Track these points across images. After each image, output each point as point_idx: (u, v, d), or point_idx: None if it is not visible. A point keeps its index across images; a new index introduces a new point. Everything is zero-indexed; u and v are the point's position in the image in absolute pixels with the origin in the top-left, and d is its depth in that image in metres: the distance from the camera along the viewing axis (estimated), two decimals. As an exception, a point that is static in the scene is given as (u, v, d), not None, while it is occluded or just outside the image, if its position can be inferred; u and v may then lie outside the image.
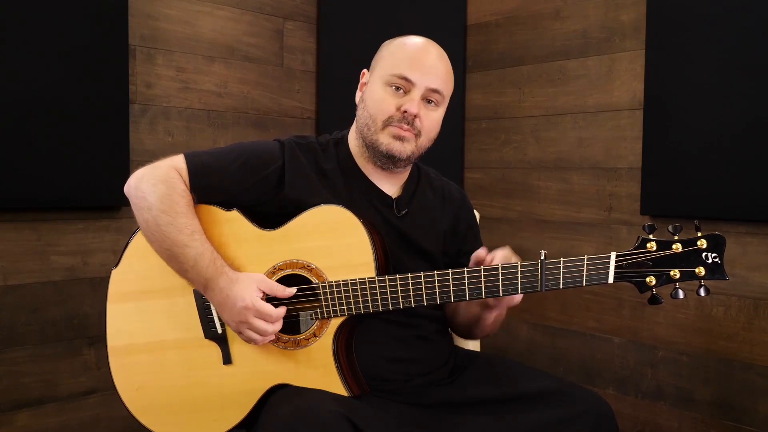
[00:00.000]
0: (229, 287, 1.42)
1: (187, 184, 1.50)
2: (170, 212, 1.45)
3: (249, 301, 1.40)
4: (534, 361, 2.79)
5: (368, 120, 1.55)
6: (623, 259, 1.36)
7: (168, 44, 2.59)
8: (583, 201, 2.67)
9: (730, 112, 2.24)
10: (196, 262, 1.43)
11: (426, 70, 1.53)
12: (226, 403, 1.49)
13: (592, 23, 2.63)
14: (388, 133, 1.53)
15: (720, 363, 2.32)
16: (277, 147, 1.58)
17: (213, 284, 1.43)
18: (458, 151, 3.03)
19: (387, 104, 1.53)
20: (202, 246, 1.44)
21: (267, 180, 1.54)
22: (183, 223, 1.45)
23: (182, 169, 1.51)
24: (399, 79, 1.52)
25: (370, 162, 1.59)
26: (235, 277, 1.43)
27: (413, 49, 1.57)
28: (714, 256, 1.34)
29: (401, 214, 1.60)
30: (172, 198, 1.46)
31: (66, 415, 2.40)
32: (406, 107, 1.51)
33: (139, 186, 1.49)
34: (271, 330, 1.42)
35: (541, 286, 1.38)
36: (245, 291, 1.41)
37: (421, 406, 1.49)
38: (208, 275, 1.43)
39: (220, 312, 1.46)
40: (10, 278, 2.28)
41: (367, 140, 1.56)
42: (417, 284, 1.43)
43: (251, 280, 1.43)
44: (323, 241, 1.47)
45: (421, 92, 1.53)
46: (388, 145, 1.53)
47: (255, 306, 1.40)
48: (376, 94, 1.55)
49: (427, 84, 1.53)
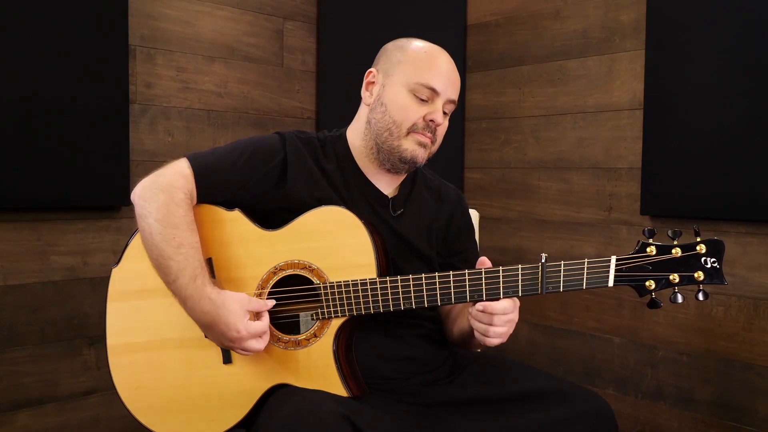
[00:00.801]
0: (216, 312, 1.40)
1: (193, 189, 1.50)
2: (164, 222, 1.44)
3: (243, 331, 1.39)
4: (534, 361, 2.79)
5: (390, 125, 1.55)
6: (623, 262, 1.37)
7: (168, 44, 2.59)
8: (583, 201, 2.67)
9: (730, 112, 2.24)
10: (177, 278, 1.42)
11: (449, 81, 1.56)
12: (225, 403, 1.49)
13: (592, 23, 2.63)
14: (412, 139, 1.54)
15: (720, 363, 2.33)
16: (278, 140, 1.58)
17: (193, 304, 1.42)
18: (458, 151, 3.03)
19: (413, 112, 1.54)
20: (186, 261, 1.42)
21: (270, 174, 1.54)
22: (172, 235, 1.43)
23: (187, 174, 1.50)
24: (425, 88, 1.53)
25: (374, 162, 1.60)
26: (220, 302, 1.40)
27: (435, 58, 1.58)
28: (713, 261, 1.35)
29: (397, 213, 1.61)
30: (168, 208, 1.45)
31: (66, 415, 2.40)
32: (433, 117, 1.53)
33: (142, 194, 1.49)
34: (263, 345, 1.42)
35: (541, 288, 1.38)
36: (236, 319, 1.39)
37: (421, 406, 1.50)
38: (187, 293, 1.42)
39: (204, 331, 1.45)
40: (10, 278, 2.28)
41: (386, 144, 1.56)
42: (418, 286, 1.43)
43: (238, 305, 1.40)
44: (325, 242, 1.47)
45: (443, 102, 1.55)
46: (413, 151, 1.54)
47: (248, 333, 1.40)
48: (401, 100, 1.54)
49: (449, 95, 1.56)
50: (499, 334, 1.40)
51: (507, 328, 1.41)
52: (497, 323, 1.39)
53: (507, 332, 1.42)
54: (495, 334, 1.40)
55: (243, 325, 1.39)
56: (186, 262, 1.42)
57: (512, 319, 1.41)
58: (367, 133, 1.59)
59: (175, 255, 1.42)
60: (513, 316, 1.41)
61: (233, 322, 1.39)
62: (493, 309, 1.38)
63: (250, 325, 1.40)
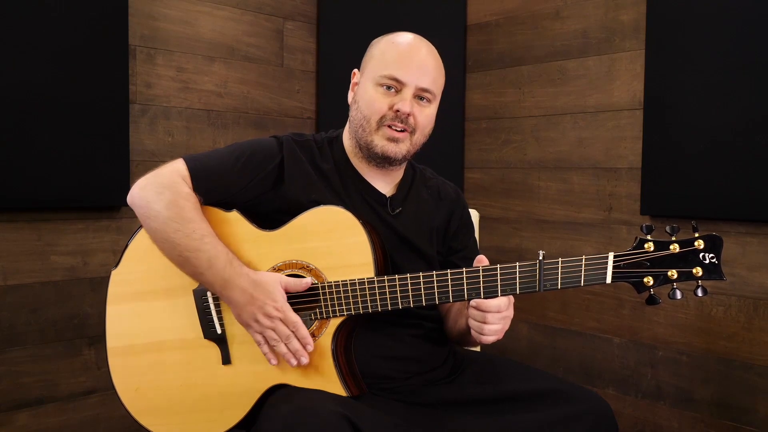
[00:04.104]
0: (254, 288, 1.42)
1: (191, 187, 1.50)
2: (177, 219, 1.45)
3: (280, 302, 1.41)
4: (534, 361, 2.79)
5: (362, 121, 1.55)
6: (621, 259, 1.36)
7: (168, 44, 2.59)
8: (583, 201, 2.67)
9: (730, 112, 2.24)
10: (212, 265, 1.43)
11: (416, 69, 1.53)
12: (225, 404, 1.49)
13: (592, 23, 2.63)
14: (382, 134, 1.54)
15: (720, 363, 2.32)
16: (275, 143, 1.59)
17: (232, 284, 1.43)
18: (458, 151, 3.03)
19: (379, 104, 1.53)
20: (215, 249, 1.44)
21: (267, 177, 1.55)
22: (191, 228, 1.44)
23: (184, 174, 1.50)
24: (389, 79, 1.53)
25: (365, 161, 1.60)
26: (258, 279, 1.43)
27: (402, 47, 1.57)
28: (711, 256, 1.34)
29: (395, 212, 1.61)
30: (178, 203, 1.46)
31: (66, 415, 2.40)
32: (399, 107, 1.52)
33: (143, 195, 1.49)
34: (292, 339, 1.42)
35: (539, 286, 1.38)
36: (276, 295, 1.42)
37: (421, 406, 1.50)
38: (226, 276, 1.43)
39: (239, 311, 1.45)
40: (10, 278, 2.28)
41: (362, 141, 1.57)
42: (416, 285, 1.43)
43: (275, 281, 1.43)
44: (323, 242, 1.47)
45: (412, 91, 1.53)
46: (383, 147, 1.54)
47: (284, 311, 1.41)
48: (368, 94, 1.55)
49: (417, 83, 1.53)
50: (494, 332, 1.41)
51: (502, 325, 1.42)
52: (491, 321, 1.40)
53: (502, 329, 1.42)
54: (490, 332, 1.41)
55: (282, 302, 1.41)
56: (216, 249, 1.44)
57: (507, 316, 1.42)
58: (352, 132, 1.61)
59: (201, 246, 1.44)
60: (507, 313, 1.42)
61: (273, 296, 1.41)
62: (487, 306, 1.39)
63: (289, 309, 1.42)
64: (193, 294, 1.51)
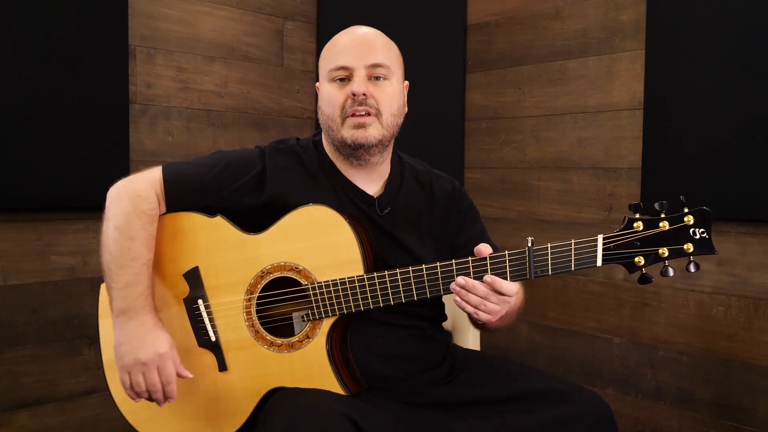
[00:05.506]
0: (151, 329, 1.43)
1: (161, 195, 1.50)
2: (122, 230, 1.46)
3: (168, 350, 1.42)
4: (534, 361, 2.78)
5: (328, 121, 1.55)
6: (611, 240, 1.35)
7: (168, 44, 2.59)
8: (583, 201, 2.67)
9: (730, 112, 2.24)
10: (127, 287, 1.44)
11: (357, 50, 1.52)
12: (225, 410, 1.48)
13: (592, 23, 2.62)
14: (348, 125, 1.51)
15: (720, 363, 2.32)
16: (257, 153, 1.58)
17: (135, 315, 1.43)
18: (458, 151, 3.03)
19: (336, 98, 1.52)
20: (138, 275, 1.45)
21: (246, 186, 1.53)
22: (128, 246, 1.45)
23: (156, 180, 1.51)
24: (337, 70, 1.52)
25: (346, 162, 1.58)
26: (159, 326, 1.45)
27: (341, 38, 1.57)
28: (702, 231, 1.32)
29: (384, 213, 1.58)
30: (129, 217, 1.47)
31: (66, 415, 2.40)
32: (352, 89, 1.50)
33: (110, 196, 1.51)
34: (159, 388, 1.42)
35: (530, 273, 1.35)
36: (164, 346, 1.43)
37: (420, 406, 1.49)
38: (134, 305, 1.44)
39: (123, 342, 1.44)
40: (10, 278, 2.28)
41: (335, 141, 1.55)
42: (406, 279, 1.42)
43: (170, 341, 1.45)
44: (309, 242, 1.46)
45: (362, 72, 1.51)
46: (352, 136, 1.51)
47: (170, 358, 1.42)
48: (325, 93, 1.55)
49: (364, 62, 1.52)
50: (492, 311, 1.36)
51: (500, 308, 1.38)
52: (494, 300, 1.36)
53: (499, 312, 1.38)
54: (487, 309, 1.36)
55: (172, 350, 1.43)
56: (138, 276, 1.45)
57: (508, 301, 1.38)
58: (326, 138, 1.60)
59: (128, 265, 1.45)
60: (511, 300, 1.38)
61: (161, 345, 1.42)
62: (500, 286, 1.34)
63: (175, 358, 1.44)
64: (184, 303, 1.51)
